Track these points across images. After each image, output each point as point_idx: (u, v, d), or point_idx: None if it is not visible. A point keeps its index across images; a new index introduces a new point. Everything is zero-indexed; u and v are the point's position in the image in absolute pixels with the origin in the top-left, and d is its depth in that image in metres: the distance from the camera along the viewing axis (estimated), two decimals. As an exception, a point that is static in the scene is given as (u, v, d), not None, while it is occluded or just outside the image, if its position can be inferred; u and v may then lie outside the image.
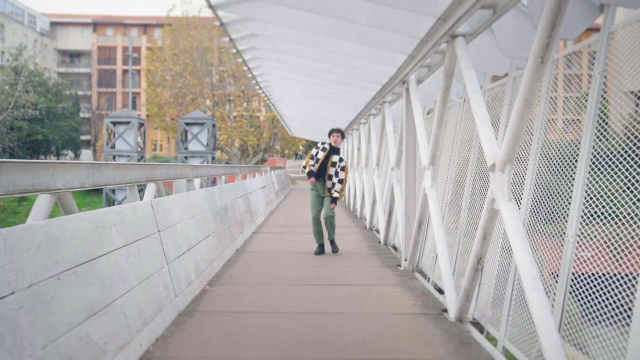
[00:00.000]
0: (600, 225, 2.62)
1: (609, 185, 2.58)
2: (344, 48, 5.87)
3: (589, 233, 2.72)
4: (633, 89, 2.67)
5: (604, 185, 2.62)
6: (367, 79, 7.43)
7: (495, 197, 3.12)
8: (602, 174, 2.65)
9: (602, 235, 2.59)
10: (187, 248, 4.69)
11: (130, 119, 17.65)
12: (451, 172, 5.61)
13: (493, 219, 3.29)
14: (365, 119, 11.49)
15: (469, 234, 4.79)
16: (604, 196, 2.60)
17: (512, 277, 3.48)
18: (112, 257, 3.00)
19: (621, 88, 2.70)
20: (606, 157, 2.64)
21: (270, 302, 4.48)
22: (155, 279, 3.65)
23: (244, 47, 7.25)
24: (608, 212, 2.57)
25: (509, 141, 2.88)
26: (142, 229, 3.64)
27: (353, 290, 4.98)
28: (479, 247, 3.46)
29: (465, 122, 5.40)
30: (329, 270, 5.90)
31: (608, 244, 2.53)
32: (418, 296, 4.79)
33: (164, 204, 4.33)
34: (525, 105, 2.69)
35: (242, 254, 6.93)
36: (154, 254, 3.76)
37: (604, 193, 2.60)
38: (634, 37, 2.71)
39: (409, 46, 5.17)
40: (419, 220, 5.56)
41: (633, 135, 2.45)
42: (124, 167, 3.84)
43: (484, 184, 4.36)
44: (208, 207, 6.04)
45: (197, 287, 4.71)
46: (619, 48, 2.93)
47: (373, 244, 8.22)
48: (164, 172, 4.89)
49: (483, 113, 3.47)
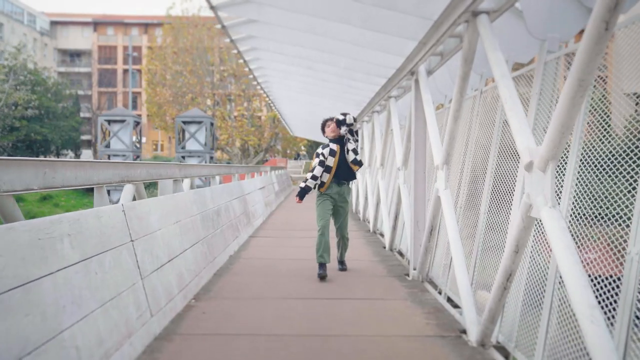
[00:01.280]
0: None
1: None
2: (347, 34, 5.29)
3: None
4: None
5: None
6: (372, 72, 6.86)
7: (534, 203, 2.55)
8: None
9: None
10: (168, 258, 4.12)
11: (126, 117, 17.08)
12: (466, 172, 5.03)
13: (528, 228, 2.71)
14: (368, 117, 10.91)
15: (489, 242, 4.21)
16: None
17: (550, 296, 2.91)
18: (62, 276, 2.44)
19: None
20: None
21: (264, 321, 3.91)
22: (124, 298, 3.09)
23: (239, 36, 6.68)
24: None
25: (555, 134, 2.30)
26: (108, 239, 3.07)
27: (357, 305, 4.41)
28: (509, 262, 2.88)
29: (482, 116, 4.82)
30: (329, 280, 5.33)
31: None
32: (431, 313, 4.22)
33: (141, 208, 3.76)
34: (579, 87, 2.11)
35: (236, 261, 6.36)
36: (123, 268, 3.20)
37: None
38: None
39: (420, 30, 4.60)
40: (430, 226, 4.99)
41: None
42: (90, 165, 3.27)
43: (509, 186, 3.79)
44: (197, 210, 5.47)
45: (180, 302, 4.14)
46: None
47: (377, 249, 7.64)
48: (145, 171, 4.33)
49: (514, 101, 2.89)
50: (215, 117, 33.71)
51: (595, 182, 2.68)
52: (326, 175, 5.45)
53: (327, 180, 5.45)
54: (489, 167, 4.29)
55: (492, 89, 4.68)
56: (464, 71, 3.87)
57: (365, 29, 4.76)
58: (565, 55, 3.41)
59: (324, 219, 5.46)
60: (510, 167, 3.90)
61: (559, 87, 3.39)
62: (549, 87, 3.44)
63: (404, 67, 5.85)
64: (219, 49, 33.90)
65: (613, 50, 2.94)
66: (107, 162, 3.51)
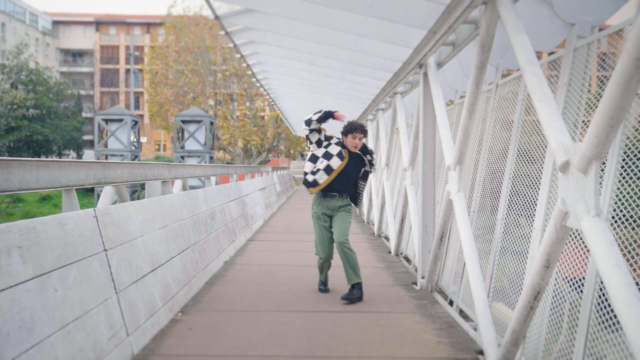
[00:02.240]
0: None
1: None
2: (350, 23, 4.88)
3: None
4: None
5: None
6: (377, 66, 6.44)
7: (571, 211, 2.13)
8: None
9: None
10: (151, 268, 3.72)
11: (123, 116, 16.70)
12: (480, 173, 4.61)
13: (562, 240, 2.29)
14: (372, 115, 10.50)
15: (508, 251, 3.80)
16: None
17: (588, 316, 2.49)
18: (7, 297, 2.04)
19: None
20: None
21: (256, 338, 3.50)
22: (92, 317, 2.69)
23: (235, 27, 6.28)
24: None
25: (601, 127, 1.89)
26: (74, 249, 2.68)
27: (360, 320, 3.99)
28: (538, 278, 2.46)
29: (497, 112, 4.41)
30: (330, 289, 4.91)
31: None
32: (443, 329, 3.80)
33: (118, 213, 3.36)
34: (636, 70, 1.69)
35: (231, 267, 5.96)
36: (93, 282, 2.80)
37: None
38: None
39: (430, 17, 4.19)
40: (440, 232, 4.57)
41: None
42: (57, 165, 2.87)
43: (531, 190, 3.37)
44: (188, 213, 5.07)
45: (164, 316, 3.74)
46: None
47: (382, 254, 7.23)
48: (127, 172, 3.93)
49: (544, 91, 2.48)
50: (217, 116, 33.38)
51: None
52: (324, 176, 4.38)
53: (322, 183, 4.40)
54: (507, 167, 3.87)
55: (508, 82, 4.27)
56: (481, 60, 3.45)
57: (369, 16, 4.34)
58: (598, 41, 3.00)
59: (322, 248, 4.54)
60: (532, 168, 3.49)
61: (591, 76, 2.98)
62: (579, 76, 3.03)
63: (411, 60, 5.44)
64: (221, 48, 33.56)
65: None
66: (79, 161, 3.11)
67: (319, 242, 4.60)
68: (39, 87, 35.89)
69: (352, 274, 4.42)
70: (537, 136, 3.54)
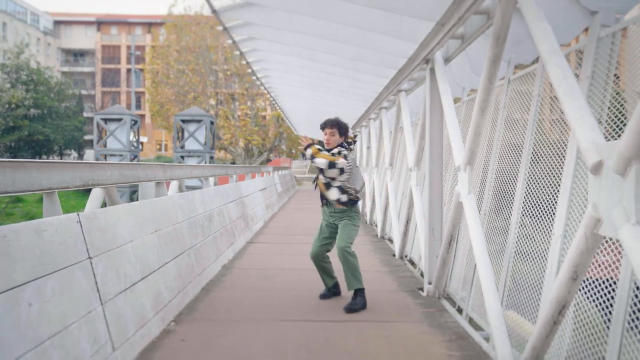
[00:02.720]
0: None
1: None
2: (352, 16, 4.64)
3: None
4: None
5: None
6: (380, 62, 6.20)
7: (606, 217, 1.89)
8: None
9: None
10: (142, 275, 3.49)
11: (122, 115, 16.48)
12: (491, 174, 4.37)
13: (593, 250, 2.05)
14: (375, 113, 10.25)
15: (522, 257, 3.56)
16: None
17: (620, 332, 2.24)
18: (-32, 316, 1.81)
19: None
20: None
21: (253, 351, 3.27)
22: (73, 332, 2.46)
23: (234, 22, 6.05)
24: None
25: (643, 122, 1.65)
26: (53, 258, 2.44)
27: (364, 330, 3.75)
28: (564, 291, 2.22)
29: (510, 108, 4.16)
30: (333, 296, 4.67)
31: None
32: (453, 341, 3.56)
33: (105, 217, 3.13)
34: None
35: (229, 272, 5.72)
36: (75, 294, 2.57)
37: None
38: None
39: (438, 8, 3.94)
40: (449, 236, 4.33)
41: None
42: (37, 167, 2.64)
43: (549, 191, 3.13)
44: (183, 216, 4.84)
45: (155, 327, 3.51)
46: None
47: (386, 257, 6.98)
48: (117, 173, 3.69)
49: (570, 84, 2.23)
50: (219, 116, 33.17)
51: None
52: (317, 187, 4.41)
53: (318, 184, 4.37)
54: (522, 168, 3.63)
55: (520, 78, 4.02)
56: (495, 53, 3.21)
57: (373, 7, 4.10)
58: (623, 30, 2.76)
59: (313, 248, 4.44)
60: (549, 168, 3.25)
61: (616, 67, 2.73)
62: (603, 68, 2.78)
63: (417, 55, 5.19)
64: (222, 48, 33.35)
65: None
66: (63, 162, 2.88)
67: (314, 238, 4.51)
68: (40, 86, 35.75)
69: (353, 279, 4.23)
70: (555, 134, 3.30)
